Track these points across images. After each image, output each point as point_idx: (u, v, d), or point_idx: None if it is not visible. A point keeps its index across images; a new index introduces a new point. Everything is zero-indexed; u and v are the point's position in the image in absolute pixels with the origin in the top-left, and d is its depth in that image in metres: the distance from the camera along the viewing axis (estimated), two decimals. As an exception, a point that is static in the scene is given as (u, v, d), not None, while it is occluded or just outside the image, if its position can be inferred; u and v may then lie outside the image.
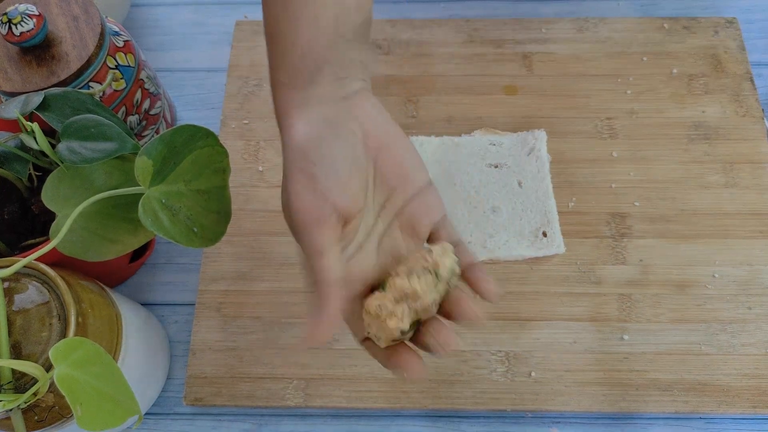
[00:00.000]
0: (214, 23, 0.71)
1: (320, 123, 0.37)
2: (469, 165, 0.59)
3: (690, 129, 0.61)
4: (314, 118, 0.37)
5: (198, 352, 0.54)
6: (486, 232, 0.56)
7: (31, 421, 0.40)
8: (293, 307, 0.56)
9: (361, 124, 0.37)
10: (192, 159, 0.42)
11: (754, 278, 0.55)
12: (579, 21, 0.67)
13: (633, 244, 0.57)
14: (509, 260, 0.56)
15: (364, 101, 0.38)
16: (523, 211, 0.57)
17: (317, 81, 0.38)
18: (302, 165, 0.36)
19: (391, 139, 0.38)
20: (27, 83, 0.50)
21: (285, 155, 0.37)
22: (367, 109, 0.38)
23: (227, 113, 0.64)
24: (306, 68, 0.38)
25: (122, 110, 0.55)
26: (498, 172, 0.59)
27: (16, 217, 0.49)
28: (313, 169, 0.36)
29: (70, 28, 0.52)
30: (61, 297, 0.41)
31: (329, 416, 0.54)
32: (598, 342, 0.53)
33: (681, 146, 0.61)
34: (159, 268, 0.60)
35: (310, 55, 0.38)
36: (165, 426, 0.54)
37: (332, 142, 0.36)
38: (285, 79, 0.39)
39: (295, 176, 0.36)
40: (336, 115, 0.37)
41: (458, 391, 0.52)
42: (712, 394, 0.51)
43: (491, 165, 0.59)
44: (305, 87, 0.38)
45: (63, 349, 0.36)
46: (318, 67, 0.38)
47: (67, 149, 0.42)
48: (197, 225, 0.42)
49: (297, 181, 0.36)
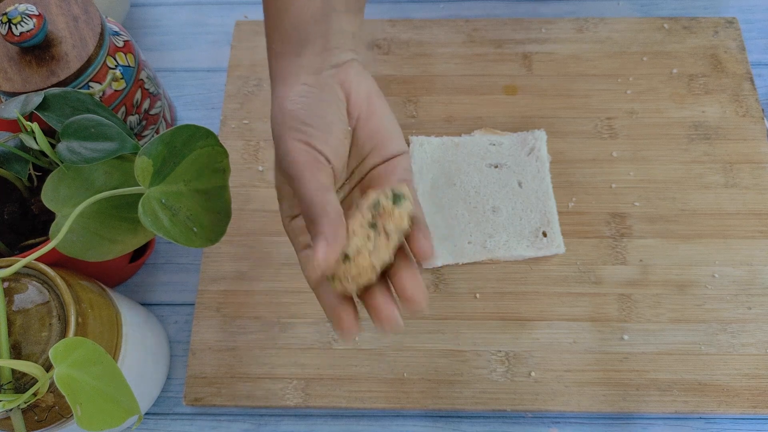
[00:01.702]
0: (214, 23, 0.71)
1: (310, 90, 0.39)
2: (469, 165, 0.59)
3: (690, 129, 0.61)
4: (304, 86, 0.39)
5: (198, 352, 0.54)
6: (486, 232, 0.56)
7: (31, 421, 0.40)
8: (293, 307, 0.56)
9: (345, 92, 0.39)
10: (192, 159, 0.42)
11: (754, 278, 0.55)
12: (579, 21, 0.67)
13: (633, 244, 0.57)
14: (509, 260, 0.56)
15: (349, 70, 0.40)
16: (523, 211, 0.57)
17: (306, 51, 0.40)
18: (296, 126, 0.37)
19: (371, 109, 0.39)
20: (27, 83, 0.50)
21: (278, 119, 0.38)
22: (351, 77, 0.40)
23: (227, 113, 0.64)
24: (297, 37, 0.40)
25: (122, 110, 0.55)
26: (498, 172, 0.59)
27: (16, 217, 0.49)
28: (307, 129, 0.37)
29: (69, 28, 0.52)
30: (61, 297, 0.41)
31: (329, 416, 0.54)
32: (598, 342, 0.54)
33: (681, 146, 0.61)
34: (159, 268, 0.60)
35: (300, 25, 0.40)
36: (165, 426, 0.54)
37: (323, 107, 0.38)
38: (278, 47, 0.41)
39: (291, 135, 0.37)
40: (324, 84, 0.39)
41: (458, 391, 0.52)
42: (712, 394, 0.51)
43: (491, 165, 0.59)
44: (296, 56, 0.40)
45: (63, 349, 0.36)
46: (307, 38, 0.40)
47: (67, 149, 0.42)
48: (197, 225, 0.42)
49: (292, 139, 0.37)
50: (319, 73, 0.39)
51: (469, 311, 0.55)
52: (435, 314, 0.55)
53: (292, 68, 0.40)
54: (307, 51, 0.40)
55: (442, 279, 0.56)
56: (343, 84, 0.39)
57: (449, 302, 0.55)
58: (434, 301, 0.55)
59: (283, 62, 0.40)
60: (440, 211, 0.58)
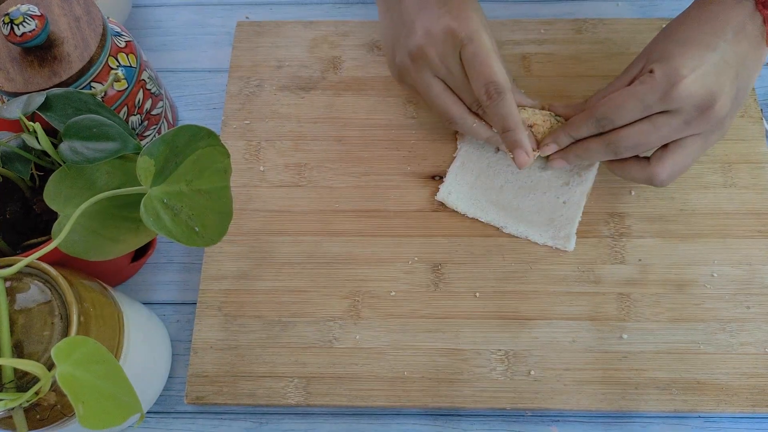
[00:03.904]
0: (215, 24, 0.71)
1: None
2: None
3: (689, 129, 0.62)
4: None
5: (199, 350, 0.54)
6: (514, 207, 0.58)
7: (33, 420, 0.40)
8: (294, 306, 0.56)
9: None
10: (193, 159, 0.43)
11: (753, 277, 0.55)
12: (578, 22, 0.67)
13: (632, 244, 0.57)
14: (515, 240, 0.57)
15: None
16: (556, 204, 0.58)
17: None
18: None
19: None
20: (29, 83, 0.51)
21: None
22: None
23: (228, 113, 0.64)
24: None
25: (124, 110, 0.56)
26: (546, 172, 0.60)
27: (18, 217, 0.49)
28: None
29: (71, 29, 0.52)
30: (63, 296, 0.41)
31: (330, 415, 0.54)
32: (597, 341, 0.54)
33: (680, 146, 0.61)
34: (160, 268, 0.60)
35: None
36: (166, 424, 0.54)
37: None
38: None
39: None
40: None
41: (458, 390, 0.53)
42: (711, 393, 0.52)
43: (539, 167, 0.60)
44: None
45: (65, 348, 0.36)
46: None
47: (69, 149, 0.43)
48: (199, 224, 0.42)
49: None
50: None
51: (469, 310, 0.55)
52: (435, 313, 0.55)
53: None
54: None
55: (442, 278, 0.56)
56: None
57: (449, 301, 0.55)
58: (434, 300, 0.56)
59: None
60: (486, 170, 0.59)
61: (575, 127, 0.53)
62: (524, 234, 0.57)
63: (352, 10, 0.71)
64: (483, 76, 0.51)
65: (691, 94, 0.47)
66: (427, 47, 0.52)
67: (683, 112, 0.48)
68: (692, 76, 0.47)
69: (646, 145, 0.50)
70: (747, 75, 0.50)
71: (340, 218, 0.59)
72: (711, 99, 0.48)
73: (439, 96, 0.54)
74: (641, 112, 0.49)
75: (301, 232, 0.59)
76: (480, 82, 0.51)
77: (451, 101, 0.54)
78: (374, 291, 0.56)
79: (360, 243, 0.58)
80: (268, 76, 0.65)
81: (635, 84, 0.49)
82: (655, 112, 0.49)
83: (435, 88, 0.54)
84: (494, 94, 0.51)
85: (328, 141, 0.62)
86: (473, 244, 0.57)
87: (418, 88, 0.55)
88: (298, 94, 0.64)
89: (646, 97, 0.48)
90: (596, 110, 0.51)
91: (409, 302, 0.56)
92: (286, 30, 0.68)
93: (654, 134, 0.49)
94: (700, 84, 0.47)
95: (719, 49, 0.48)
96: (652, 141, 0.50)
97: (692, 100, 0.47)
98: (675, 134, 0.50)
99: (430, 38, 0.52)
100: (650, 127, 0.49)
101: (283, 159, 0.62)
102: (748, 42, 0.49)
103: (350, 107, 0.64)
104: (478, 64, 0.51)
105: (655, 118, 0.49)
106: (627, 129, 0.50)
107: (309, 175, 0.61)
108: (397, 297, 0.56)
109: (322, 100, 0.64)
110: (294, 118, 0.63)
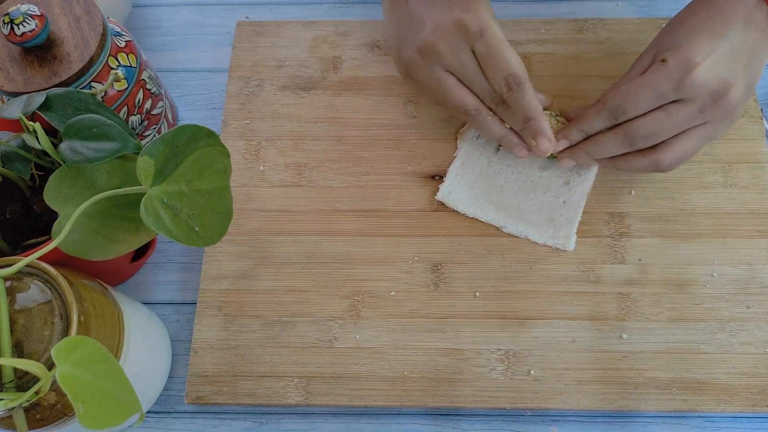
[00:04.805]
0: (215, 24, 0.71)
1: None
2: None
3: (689, 129, 0.62)
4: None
5: (199, 350, 0.55)
6: (514, 206, 0.58)
7: (33, 420, 0.40)
8: (294, 305, 0.56)
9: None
10: (193, 159, 0.43)
11: (753, 277, 0.55)
12: (578, 22, 0.67)
13: (632, 244, 0.57)
14: (514, 239, 0.57)
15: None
16: (556, 203, 0.58)
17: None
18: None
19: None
20: (29, 83, 0.51)
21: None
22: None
23: (228, 113, 0.64)
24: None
25: (124, 110, 0.56)
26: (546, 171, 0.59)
27: (18, 217, 0.49)
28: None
29: (71, 29, 0.52)
30: (63, 296, 0.41)
31: (330, 414, 0.54)
32: (597, 341, 0.54)
33: (680, 146, 0.61)
34: (160, 267, 0.60)
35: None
36: (166, 424, 0.54)
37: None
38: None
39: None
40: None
41: (458, 390, 0.53)
42: (711, 393, 0.52)
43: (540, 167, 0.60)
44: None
45: (65, 347, 0.36)
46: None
47: (69, 149, 0.43)
48: (199, 224, 0.42)
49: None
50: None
51: (469, 310, 0.55)
52: (435, 313, 0.55)
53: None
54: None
55: (442, 278, 0.56)
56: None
57: (449, 301, 0.55)
58: (434, 300, 0.56)
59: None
60: (487, 170, 0.59)
61: (587, 121, 0.53)
62: (524, 234, 0.57)
63: (352, 10, 0.71)
64: (501, 69, 0.51)
65: (706, 82, 0.47)
66: (438, 41, 0.52)
67: (697, 100, 0.48)
68: (705, 64, 0.47)
69: (661, 135, 0.50)
70: (757, 64, 0.50)
71: (340, 218, 0.59)
72: (725, 87, 0.48)
73: (452, 89, 0.53)
74: (655, 101, 0.49)
75: (301, 231, 0.59)
76: (499, 75, 0.51)
77: (466, 93, 0.53)
78: (374, 291, 0.56)
79: (360, 243, 0.58)
80: (268, 76, 0.65)
81: (648, 73, 0.49)
82: (669, 101, 0.49)
83: (447, 81, 0.53)
84: (514, 86, 0.51)
85: (328, 141, 0.62)
86: (473, 244, 0.57)
87: (428, 83, 0.54)
88: (298, 93, 0.65)
89: (660, 86, 0.48)
90: (609, 102, 0.51)
91: (409, 302, 0.56)
92: (286, 30, 0.68)
93: (668, 123, 0.49)
94: (713, 72, 0.47)
95: (730, 38, 0.48)
96: (667, 130, 0.50)
97: (706, 87, 0.47)
98: (689, 122, 0.50)
99: (440, 32, 0.52)
100: (664, 116, 0.49)
101: (283, 159, 0.62)
102: (756, 31, 0.49)
103: (350, 107, 0.64)
104: (494, 57, 0.51)
105: (669, 107, 0.49)
106: (641, 119, 0.50)
107: (309, 175, 0.61)
108: (397, 297, 0.56)
109: (322, 100, 0.64)
110: (294, 118, 0.63)
